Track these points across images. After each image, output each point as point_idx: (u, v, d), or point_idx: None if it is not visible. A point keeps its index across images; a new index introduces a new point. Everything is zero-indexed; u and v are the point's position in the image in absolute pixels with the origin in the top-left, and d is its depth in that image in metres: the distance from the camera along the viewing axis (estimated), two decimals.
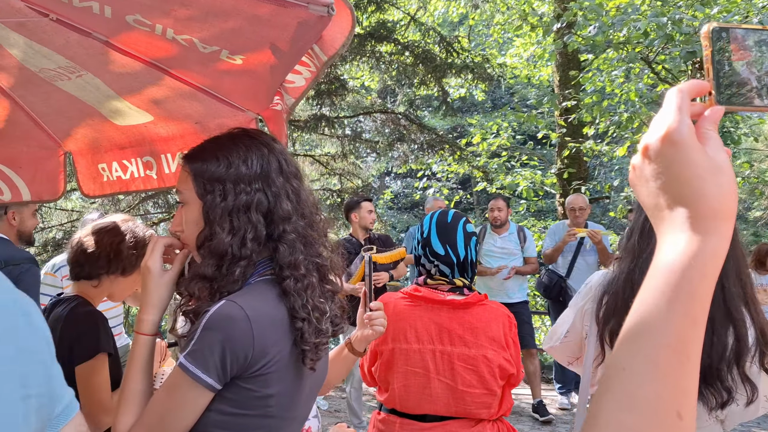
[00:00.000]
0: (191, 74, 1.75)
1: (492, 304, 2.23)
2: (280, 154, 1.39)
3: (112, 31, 1.58)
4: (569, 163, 9.39)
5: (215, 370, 1.20)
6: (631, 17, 6.18)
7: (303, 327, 1.29)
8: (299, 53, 1.43)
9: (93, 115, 2.00)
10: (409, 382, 2.16)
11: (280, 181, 1.35)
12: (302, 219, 1.37)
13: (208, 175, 1.32)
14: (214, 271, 1.29)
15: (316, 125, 8.30)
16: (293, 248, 1.32)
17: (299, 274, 1.32)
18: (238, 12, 1.29)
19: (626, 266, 1.82)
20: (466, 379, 2.12)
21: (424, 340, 2.16)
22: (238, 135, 1.39)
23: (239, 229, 1.30)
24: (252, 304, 1.25)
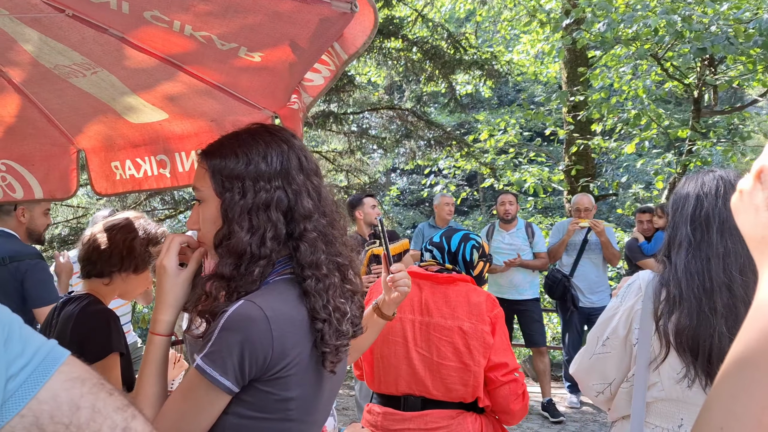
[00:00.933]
0: (208, 71, 1.73)
1: (478, 288, 2.33)
2: (300, 150, 1.36)
3: (129, 27, 1.56)
4: (577, 160, 9.35)
5: (233, 373, 1.17)
6: (641, 14, 6.14)
7: (324, 328, 1.27)
8: (319, 51, 1.41)
9: (107, 112, 1.99)
10: (389, 351, 2.24)
11: (300, 179, 1.32)
12: (324, 217, 1.34)
13: (227, 172, 1.29)
14: (232, 271, 1.26)
15: (324, 122, 8.28)
16: (315, 247, 1.30)
17: (321, 274, 1.29)
18: (259, 8, 1.27)
19: (683, 258, 1.77)
20: (441, 351, 2.18)
21: (406, 311, 2.25)
22: (258, 131, 1.36)
23: (259, 228, 1.27)
24: (271, 304, 1.22)
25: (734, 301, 1.68)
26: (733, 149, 7.77)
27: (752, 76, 7.20)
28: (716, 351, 1.66)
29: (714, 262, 1.72)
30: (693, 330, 1.68)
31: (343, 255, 1.38)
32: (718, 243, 1.73)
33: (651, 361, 1.78)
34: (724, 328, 1.66)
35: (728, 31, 5.64)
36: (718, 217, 1.76)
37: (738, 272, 1.70)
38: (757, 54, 6.07)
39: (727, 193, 1.78)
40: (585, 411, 6.04)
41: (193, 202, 1.40)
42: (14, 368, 0.74)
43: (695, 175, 1.89)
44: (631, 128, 8.10)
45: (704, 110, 7.71)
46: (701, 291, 1.70)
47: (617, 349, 1.86)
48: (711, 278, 1.71)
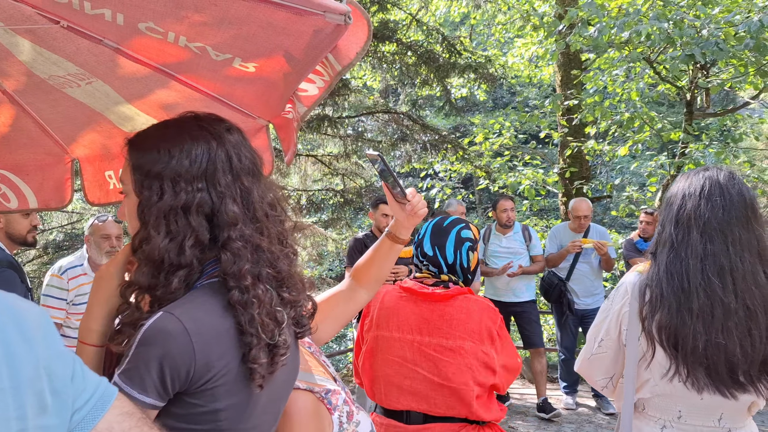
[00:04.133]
0: (202, 81, 1.73)
1: (477, 298, 2.26)
2: (234, 147, 1.27)
3: (124, 38, 1.56)
4: (571, 162, 9.38)
5: (154, 389, 1.11)
6: (632, 20, 6.17)
7: (252, 342, 1.18)
8: (313, 62, 1.41)
9: (101, 122, 1.99)
10: (390, 370, 2.20)
11: (227, 180, 1.24)
12: (253, 223, 1.26)
13: (146, 169, 1.21)
14: (150, 280, 1.19)
15: (319, 125, 8.29)
16: (238, 257, 1.20)
17: (244, 285, 1.19)
18: (253, 19, 1.27)
19: (665, 258, 1.79)
20: (442, 371, 2.14)
21: (404, 330, 2.21)
22: (187, 122, 1.28)
23: (177, 234, 1.18)
24: (193, 314, 1.15)
25: (711, 302, 1.71)
26: (725, 151, 7.81)
27: (744, 78, 7.24)
28: (691, 348, 1.71)
29: (692, 264, 1.74)
30: (673, 327, 1.73)
31: (277, 263, 1.29)
32: (698, 244, 1.75)
33: (641, 359, 1.83)
34: (701, 327, 1.70)
35: (718, 35, 5.68)
36: (701, 218, 1.77)
37: (716, 275, 1.72)
38: (748, 57, 6.11)
39: (711, 193, 1.79)
40: (581, 413, 6.06)
41: None
42: (79, 402, 0.88)
43: (688, 173, 1.91)
44: (625, 131, 8.13)
45: (697, 112, 7.75)
46: (680, 291, 1.74)
47: (612, 349, 1.93)
48: (689, 279, 1.73)
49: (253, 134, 1.99)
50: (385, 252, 1.80)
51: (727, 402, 1.76)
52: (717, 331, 1.70)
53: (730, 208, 1.76)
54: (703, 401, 1.77)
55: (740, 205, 1.77)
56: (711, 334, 1.70)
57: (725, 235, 1.75)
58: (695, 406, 1.80)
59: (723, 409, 1.79)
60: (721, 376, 1.71)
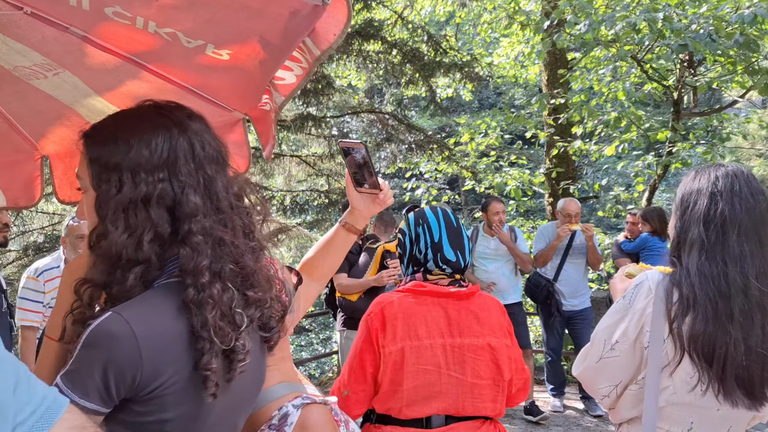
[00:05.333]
0: (175, 71, 1.64)
1: (486, 296, 2.26)
2: (196, 135, 1.20)
3: (91, 25, 1.47)
4: (558, 162, 9.35)
5: (97, 394, 1.04)
6: (622, 14, 6.13)
7: (204, 348, 1.10)
8: (290, 47, 1.33)
9: (71, 116, 1.89)
10: (420, 381, 2.06)
11: (189, 168, 1.16)
12: (216, 214, 1.18)
13: (104, 161, 1.14)
14: (107, 276, 1.11)
15: (303, 125, 8.20)
16: (197, 251, 1.12)
17: (201, 283, 1.11)
18: (227, 1, 1.19)
19: (695, 260, 1.68)
20: (475, 370, 2.08)
21: (435, 335, 2.09)
22: (146, 110, 1.21)
23: (136, 228, 1.11)
24: (143, 316, 1.07)
25: (750, 307, 1.60)
26: (712, 151, 7.80)
27: (731, 77, 7.23)
28: (731, 359, 1.58)
29: (730, 265, 1.63)
30: (709, 336, 1.60)
31: (242, 259, 1.21)
32: (735, 245, 1.65)
33: (665, 366, 1.68)
34: (740, 334, 1.58)
35: (709, 28, 5.64)
36: (736, 218, 1.67)
37: (754, 277, 1.62)
38: (737, 54, 6.09)
39: (741, 191, 1.69)
40: (568, 415, 6.01)
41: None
42: (22, 415, 0.80)
43: (705, 169, 1.79)
44: (612, 130, 8.10)
45: (684, 112, 7.74)
46: (717, 295, 1.62)
47: (627, 353, 1.76)
48: (727, 282, 1.62)
49: (229, 129, 1.90)
50: (340, 243, 1.77)
51: (741, 414, 1.66)
52: (757, 338, 1.60)
53: (760, 206, 1.69)
54: (719, 413, 1.67)
55: (765, 203, 1.70)
56: (751, 341, 1.59)
57: (759, 235, 1.67)
58: (710, 419, 1.69)
59: (733, 421, 1.70)
60: (755, 388, 1.60)
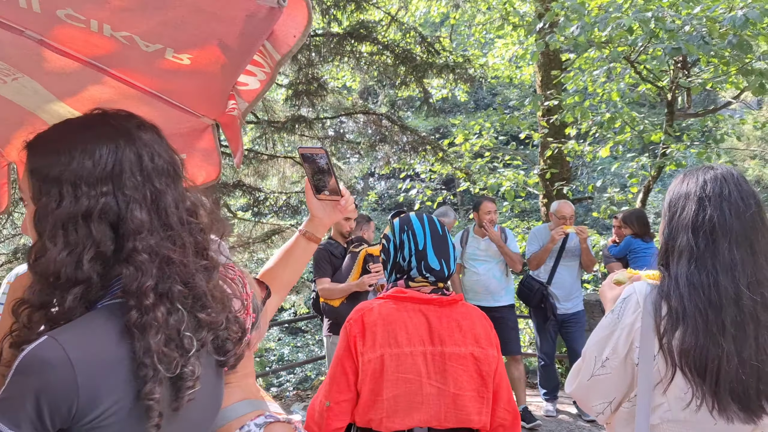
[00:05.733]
0: (137, 75, 1.58)
1: (470, 306, 2.20)
2: (145, 146, 1.13)
3: (46, 28, 1.40)
4: (552, 163, 9.31)
5: (30, 424, 0.97)
6: (614, 15, 6.08)
7: (147, 375, 1.02)
8: (250, 50, 1.27)
9: (34, 122, 1.83)
10: (400, 390, 2.00)
11: (135, 182, 1.09)
12: (164, 231, 1.11)
13: (44, 173, 1.07)
14: (44, 297, 1.04)
15: (294, 126, 8.13)
16: (142, 271, 1.05)
17: (145, 305, 1.04)
18: (178, 2, 1.13)
19: (684, 269, 1.60)
20: (458, 381, 2.02)
21: (416, 342, 2.03)
22: (92, 119, 1.14)
23: (76, 245, 1.04)
24: (80, 341, 1.00)
25: (743, 318, 1.52)
26: (707, 152, 7.76)
27: (725, 78, 7.18)
28: (724, 373, 1.50)
29: (721, 274, 1.55)
30: (700, 349, 1.52)
31: (192, 279, 1.13)
32: (725, 252, 1.57)
33: (658, 383, 1.61)
34: (733, 347, 1.51)
35: (702, 30, 5.59)
36: (726, 224, 1.59)
37: (746, 286, 1.54)
38: (730, 55, 6.04)
39: (731, 195, 1.61)
40: (561, 420, 5.96)
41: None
42: None
43: (694, 172, 1.72)
44: (605, 131, 8.05)
45: (678, 113, 7.69)
46: (707, 306, 1.54)
47: (617, 369, 1.69)
48: (718, 292, 1.54)
49: (198, 135, 1.84)
50: (300, 252, 1.72)
51: (738, 429, 1.57)
52: (750, 349, 1.52)
53: (751, 211, 1.61)
54: (716, 427, 1.58)
55: (757, 207, 1.62)
56: (744, 353, 1.52)
57: (750, 241, 1.59)
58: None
59: None
60: (751, 402, 1.53)
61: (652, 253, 5.78)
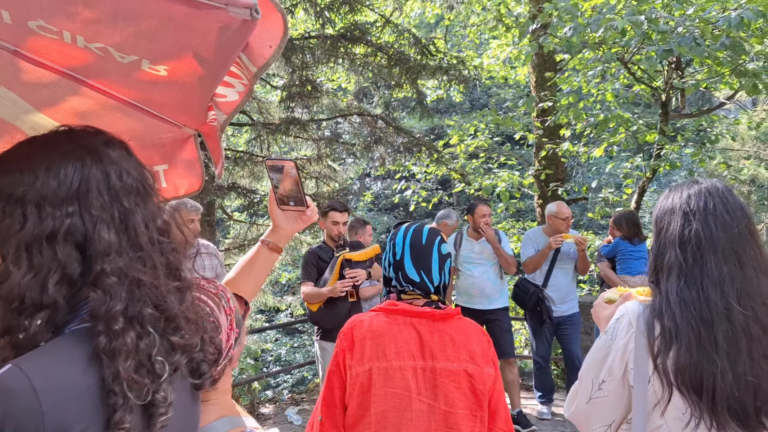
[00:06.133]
0: (115, 86, 1.55)
1: (467, 320, 2.10)
2: (113, 163, 1.10)
3: (19, 39, 1.38)
4: (547, 164, 9.29)
5: None
6: (607, 16, 6.06)
7: (117, 404, 0.98)
8: (226, 62, 1.24)
9: (13, 133, 1.79)
10: (388, 406, 1.94)
11: (102, 201, 1.06)
12: (134, 251, 1.08)
13: (7, 193, 1.04)
14: (9, 323, 1.00)
15: (288, 128, 8.11)
16: (110, 294, 1.01)
17: (114, 330, 1.00)
18: (149, 13, 1.10)
19: (675, 286, 1.58)
20: (449, 398, 1.94)
21: (405, 356, 1.97)
22: (56, 137, 1.11)
23: (41, 268, 1.00)
24: (46, 369, 0.96)
25: (734, 333, 1.50)
26: (701, 152, 7.74)
27: (719, 79, 7.17)
28: (719, 390, 1.48)
29: (710, 290, 1.54)
30: (694, 367, 1.50)
31: (164, 301, 1.09)
32: (713, 267, 1.55)
33: (656, 405, 1.58)
34: (726, 363, 1.48)
35: (695, 32, 5.58)
36: (713, 238, 1.57)
37: (735, 300, 1.52)
38: (724, 56, 6.03)
39: (716, 209, 1.60)
40: (557, 422, 5.94)
41: None
42: None
43: (678, 187, 1.71)
44: (600, 132, 8.04)
45: (672, 113, 7.67)
46: (699, 322, 1.52)
47: (614, 392, 1.66)
48: (709, 308, 1.52)
49: (180, 146, 1.81)
50: (263, 262, 1.71)
51: None
52: (745, 365, 1.50)
53: (738, 224, 1.59)
54: None
55: (744, 220, 1.61)
56: (738, 369, 1.49)
57: (738, 254, 1.57)
58: None
59: None
60: (750, 418, 1.50)
61: (639, 256, 5.78)
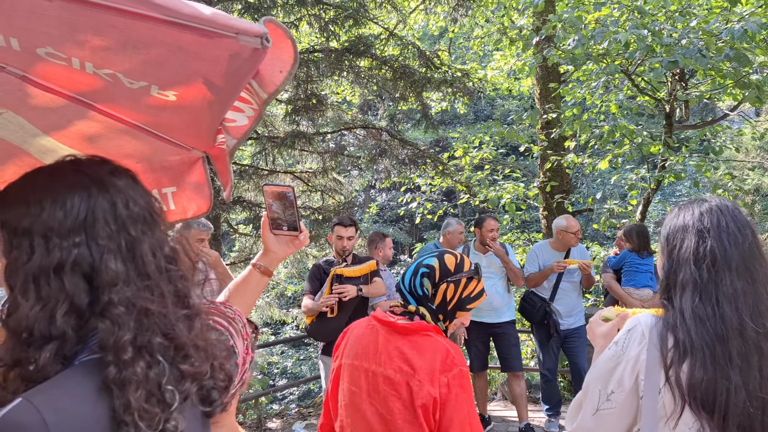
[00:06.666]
0: (124, 110, 1.55)
1: (431, 338, 2.01)
2: (119, 192, 1.10)
3: (27, 65, 1.38)
4: (552, 176, 9.28)
5: None
6: (611, 30, 6.07)
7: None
8: (235, 89, 1.24)
9: (22, 156, 1.80)
10: (351, 400, 2.08)
11: (109, 231, 1.06)
12: (141, 280, 1.07)
13: (14, 224, 1.04)
14: (18, 355, 1.00)
15: (293, 142, 8.13)
16: (118, 325, 1.01)
17: (123, 360, 1.00)
18: (159, 42, 1.10)
19: (689, 303, 1.59)
20: (389, 406, 1.96)
21: (362, 357, 2.10)
22: (62, 168, 1.12)
23: (49, 300, 1.00)
24: (56, 402, 0.95)
25: (747, 349, 1.50)
26: (706, 163, 7.72)
27: (723, 90, 7.16)
28: (732, 407, 1.47)
29: (726, 305, 1.54)
30: (708, 383, 1.49)
31: (173, 330, 1.09)
32: (728, 283, 1.56)
33: (668, 419, 1.55)
34: (740, 379, 1.48)
35: (699, 44, 5.58)
36: (728, 255, 1.59)
37: (749, 316, 1.52)
38: (727, 68, 6.02)
39: (728, 226, 1.62)
40: None
41: None
42: None
43: (688, 205, 1.72)
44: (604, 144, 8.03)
45: (676, 125, 7.66)
46: (714, 338, 1.52)
47: (623, 404, 1.64)
48: (724, 324, 1.52)
49: (188, 168, 1.81)
50: (254, 285, 1.73)
51: None
52: (755, 381, 1.50)
53: (749, 241, 1.61)
54: None
55: (753, 237, 1.63)
56: (750, 385, 1.50)
57: (750, 271, 1.58)
58: None
59: None
60: None
61: (646, 269, 5.74)
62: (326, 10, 8.11)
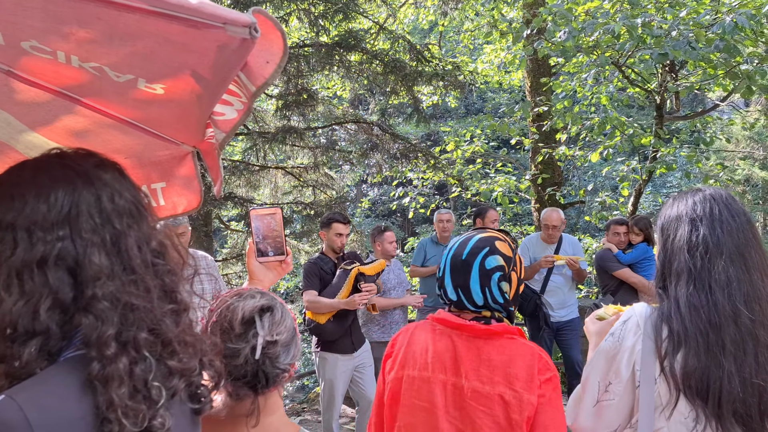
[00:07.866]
0: (111, 105, 1.53)
1: (519, 341, 1.84)
2: (105, 186, 1.09)
3: (12, 60, 1.36)
4: (543, 168, 9.28)
5: None
6: (602, 21, 6.06)
7: (112, 431, 0.97)
8: (224, 82, 1.22)
9: (9, 152, 1.77)
10: (416, 419, 1.83)
11: (93, 224, 1.04)
12: (126, 275, 1.06)
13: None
14: (3, 351, 0.99)
15: (284, 137, 8.09)
16: (102, 320, 0.99)
17: (107, 356, 0.98)
18: (146, 34, 1.08)
19: (684, 291, 1.60)
20: (477, 424, 1.74)
21: (436, 368, 1.84)
22: (47, 162, 1.10)
23: (32, 294, 0.98)
24: (40, 399, 0.94)
25: (741, 336, 1.51)
26: (696, 154, 7.74)
27: (713, 80, 7.17)
28: (726, 393, 1.48)
29: (718, 293, 1.55)
30: (702, 371, 1.51)
31: (160, 325, 1.07)
32: (720, 270, 1.57)
33: (663, 408, 1.57)
34: (734, 367, 1.50)
35: (689, 35, 5.58)
36: (721, 243, 1.60)
37: (743, 303, 1.53)
38: (717, 58, 6.03)
39: (722, 214, 1.63)
40: None
41: None
42: None
43: (682, 196, 1.73)
44: (595, 136, 8.04)
45: (667, 116, 7.68)
46: (707, 326, 1.53)
47: (621, 394, 1.65)
48: (717, 311, 1.54)
49: (178, 162, 1.79)
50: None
51: None
52: (751, 368, 1.51)
53: (743, 229, 1.63)
54: None
55: (748, 225, 1.64)
56: (745, 373, 1.51)
57: (744, 258, 1.59)
58: None
59: None
60: (754, 422, 1.51)
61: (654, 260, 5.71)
62: (316, 5, 8.07)
